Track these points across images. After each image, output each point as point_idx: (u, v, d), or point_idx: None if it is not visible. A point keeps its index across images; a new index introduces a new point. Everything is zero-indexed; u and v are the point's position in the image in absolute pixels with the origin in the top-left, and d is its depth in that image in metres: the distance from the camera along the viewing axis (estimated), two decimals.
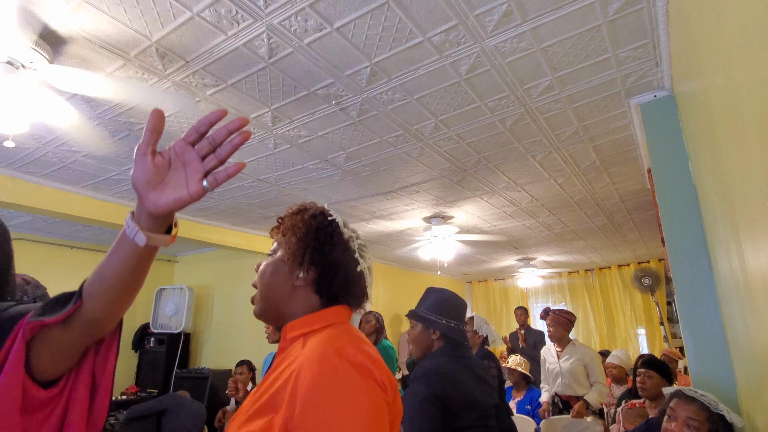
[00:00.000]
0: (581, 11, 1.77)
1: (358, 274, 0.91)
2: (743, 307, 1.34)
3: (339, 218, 0.93)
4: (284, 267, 0.89)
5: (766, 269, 0.94)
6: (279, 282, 0.89)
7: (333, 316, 0.87)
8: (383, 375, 0.75)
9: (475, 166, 3.35)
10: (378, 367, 0.75)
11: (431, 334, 1.70)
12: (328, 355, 0.73)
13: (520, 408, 3.83)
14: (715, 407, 1.59)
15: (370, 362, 0.74)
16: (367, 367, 0.73)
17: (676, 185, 2.13)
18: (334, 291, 0.88)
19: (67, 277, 5.27)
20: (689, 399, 1.65)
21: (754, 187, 0.94)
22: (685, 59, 1.72)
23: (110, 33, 1.84)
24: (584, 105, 2.51)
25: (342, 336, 0.80)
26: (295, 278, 0.88)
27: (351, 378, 0.71)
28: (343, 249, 0.90)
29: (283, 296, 0.89)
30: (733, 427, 1.59)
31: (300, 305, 0.88)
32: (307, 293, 0.88)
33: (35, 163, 3.11)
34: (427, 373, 1.54)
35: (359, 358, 0.74)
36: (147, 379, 5.47)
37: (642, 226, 5.25)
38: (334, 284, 0.88)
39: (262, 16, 1.76)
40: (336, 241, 0.89)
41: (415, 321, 1.76)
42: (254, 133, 2.74)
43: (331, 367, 0.71)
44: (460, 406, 1.51)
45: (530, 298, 8.61)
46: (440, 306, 1.73)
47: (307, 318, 0.86)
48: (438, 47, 1.97)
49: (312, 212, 0.93)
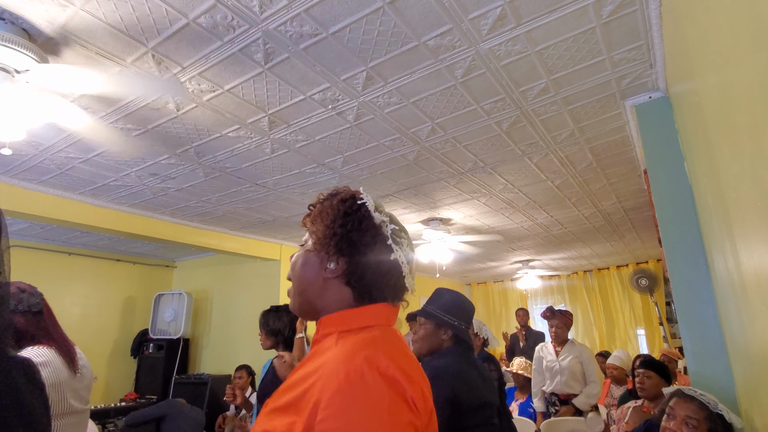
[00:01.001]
0: (575, 14, 1.78)
1: (391, 263, 0.82)
2: (739, 307, 1.35)
3: (370, 201, 0.85)
4: (314, 258, 0.83)
5: (760, 268, 0.94)
6: (309, 274, 0.83)
7: (373, 316, 0.80)
8: (416, 394, 0.68)
9: (472, 168, 3.36)
10: (412, 383, 0.68)
11: (442, 333, 1.72)
12: (356, 363, 0.67)
13: (523, 410, 3.82)
14: (714, 407, 1.59)
15: (402, 377, 0.68)
16: (398, 382, 0.66)
17: (672, 186, 2.14)
18: (365, 283, 0.80)
19: (65, 283, 5.26)
20: (688, 398, 1.65)
21: (746, 187, 0.94)
22: (679, 61, 1.73)
23: (107, 39, 1.84)
24: (580, 107, 2.52)
25: (377, 342, 0.73)
26: (324, 270, 0.81)
27: (377, 391, 0.65)
28: (373, 236, 0.82)
29: (315, 289, 0.83)
30: (732, 427, 1.59)
31: (333, 299, 0.81)
32: (339, 286, 0.81)
33: (33, 169, 3.11)
34: (440, 374, 1.55)
35: (391, 370, 0.67)
36: (146, 385, 5.45)
37: (639, 226, 5.26)
38: (365, 276, 0.80)
39: (257, 22, 1.77)
40: (365, 228, 0.82)
41: (426, 319, 1.76)
42: (251, 138, 2.75)
43: (357, 375, 0.65)
44: (471, 406, 1.52)
45: (529, 300, 8.61)
46: (454, 307, 1.75)
47: (344, 314, 0.80)
48: (433, 51, 1.98)
49: (342, 196, 0.86)
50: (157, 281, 6.30)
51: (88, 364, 1.77)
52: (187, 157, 2.98)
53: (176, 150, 2.88)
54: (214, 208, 4.09)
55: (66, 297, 5.25)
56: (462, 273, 8.13)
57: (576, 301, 8.10)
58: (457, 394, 1.50)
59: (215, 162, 3.08)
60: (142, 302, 6.00)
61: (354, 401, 0.64)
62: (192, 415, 3.58)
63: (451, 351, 1.69)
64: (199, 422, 3.57)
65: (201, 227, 4.60)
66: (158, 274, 6.37)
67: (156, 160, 3.01)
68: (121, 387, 5.59)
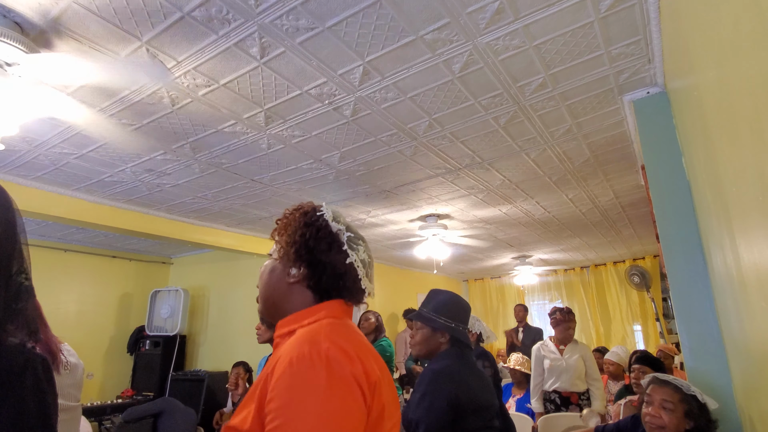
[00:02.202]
0: (573, 8, 1.77)
1: (347, 266, 0.91)
2: (737, 302, 1.35)
3: (329, 212, 0.95)
4: (278, 266, 0.93)
5: (760, 264, 0.94)
6: (275, 281, 0.93)
7: (323, 310, 0.89)
8: (359, 369, 0.75)
9: (469, 164, 3.35)
10: (352, 361, 0.75)
11: (439, 336, 1.70)
12: (301, 347, 0.75)
13: (520, 406, 3.82)
14: (687, 389, 1.65)
15: (343, 355, 0.75)
16: (336, 360, 0.73)
17: (669, 181, 2.14)
18: (323, 286, 0.90)
19: (61, 280, 5.23)
20: (663, 383, 1.71)
21: (746, 182, 0.94)
22: (678, 55, 1.72)
23: (100, 33, 1.82)
24: (577, 102, 2.51)
25: (322, 329, 0.80)
26: (288, 276, 0.91)
27: (317, 369, 0.72)
28: (329, 243, 0.91)
29: (280, 294, 0.92)
30: (706, 407, 1.62)
31: (296, 302, 0.91)
32: (301, 289, 0.91)
33: (27, 165, 3.08)
34: (438, 377, 1.55)
35: (332, 351, 0.74)
36: (143, 382, 5.44)
37: (637, 222, 5.27)
38: (322, 279, 0.90)
39: (253, 16, 1.74)
40: (322, 236, 0.91)
41: (422, 323, 1.75)
42: (247, 133, 2.73)
43: (299, 358, 0.73)
44: (470, 409, 1.52)
45: (527, 295, 8.63)
46: (447, 308, 1.73)
47: (298, 314, 0.89)
48: (431, 45, 1.96)
49: (304, 209, 0.96)
50: (154, 278, 6.27)
51: (80, 361, 1.74)
52: (183, 152, 2.96)
53: (172, 145, 2.86)
54: (211, 205, 4.07)
55: (62, 294, 5.22)
56: (459, 269, 8.13)
57: (573, 297, 8.12)
58: (457, 396, 1.50)
59: (211, 158, 3.05)
60: (138, 299, 5.98)
61: (295, 380, 0.71)
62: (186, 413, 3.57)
63: (449, 354, 1.67)
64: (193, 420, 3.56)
65: (197, 223, 4.58)
66: (155, 270, 6.35)
67: (151, 155, 2.99)
68: (118, 384, 5.58)
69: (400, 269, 7.43)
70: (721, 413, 1.79)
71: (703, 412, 1.62)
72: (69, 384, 1.54)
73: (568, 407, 3.43)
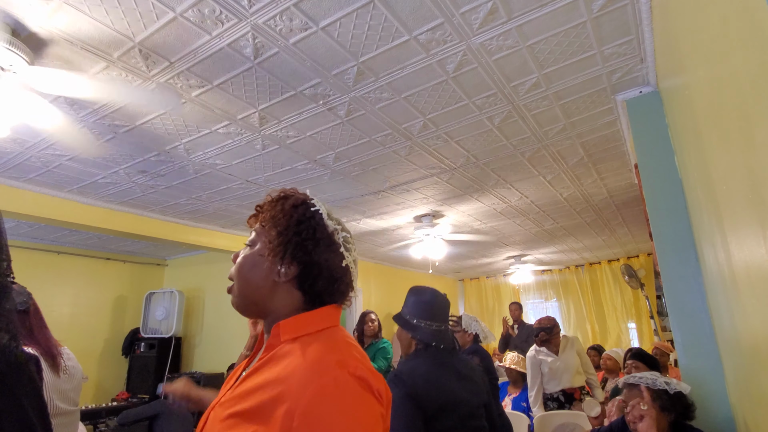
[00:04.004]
0: (566, 8, 1.78)
1: (343, 269, 0.84)
2: (729, 300, 1.36)
3: (323, 208, 0.86)
4: (263, 262, 0.83)
5: (750, 261, 0.95)
6: (258, 278, 0.84)
7: (324, 318, 0.82)
8: (380, 386, 0.73)
9: (464, 164, 3.35)
10: (375, 378, 0.73)
11: (410, 336, 1.69)
12: (329, 368, 0.70)
13: (516, 405, 3.83)
14: (654, 384, 1.65)
15: (369, 374, 0.72)
16: (368, 380, 0.71)
17: (662, 180, 2.15)
18: (317, 289, 0.82)
19: (55, 283, 5.20)
20: (632, 386, 1.73)
21: (736, 181, 0.95)
22: (669, 55, 1.73)
23: (92, 34, 1.81)
24: (571, 102, 2.52)
25: (339, 345, 0.77)
26: (275, 274, 0.82)
27: (353, 392, 0.68)
28: (327, 244, 0.83)
29: (263, 292, 0.83)
30: (682, 394, 1.64)
31: (283, 302, 0.83)
32: (289, 289, 0.82)
33: (19, 167, 3.06)
34: (399, 375, 1.52)
35: (360, 370, 0.71)
36: (138, 384, 5.41)
37: (630, 221, 5.30)
38: (317, 282, 0.82)
39: (246, 16, 1.74)
40: (319, 236, 0.83)
41: (397, 323, 1.75)
42: (242, 134, 2.72)
43: (332, 379, 0.68)
44: (437, 407, 1.47)
45: (522, 294, 8.66)
46: (418, 308, 1.70)
47: (299, 319, 0.81)
48: (424, 45, 1.97)
49: (293, 202, 0.86)
50: (148, 280, 6.24)
51: (78, 365, 1.74)
52: (177, 153, 2.95)
53: (165, 147, 2.84)
54: (205, 206, 4.05)
55: (56, 297, 5.18)
56: (454, 269, 8.15)
57: (568, 296, 8.16)
58: (414, 394, 1.45)
59: (205, 159, 3.04)
60: (132, 301, 5.94)
61: (332, 406, 0.66)
62: (183, 415, 3.56)
63: (418, 353, 1.64)
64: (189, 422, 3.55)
65: (192, 225, 4.56)
66: (149, 272, 6.31)
67: (145, 156, 2.97)
68: (113, 387, 5.54)
69: (396, 269, 7.43)
70: (714, 409, 1.81)
71: (676, 402, 1.65)
72: (68, 388, 1.53)
73: (572, 403, 3.46)
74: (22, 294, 1.53)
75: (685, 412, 1.64)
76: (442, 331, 1.67)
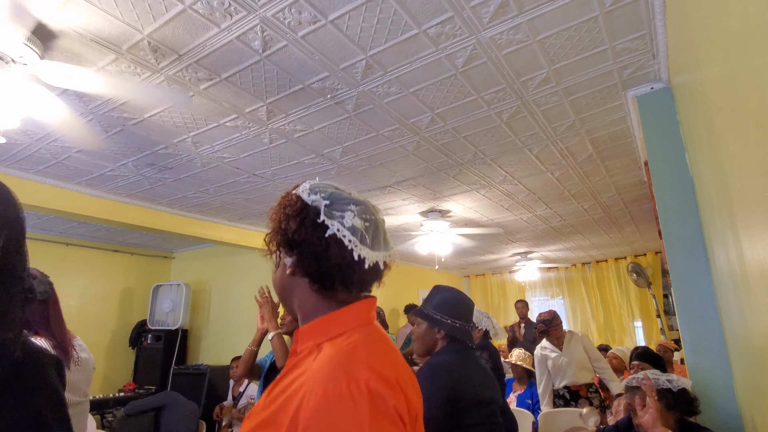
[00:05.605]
0: (577, 2, 1.76)
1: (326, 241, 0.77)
2: (740, 299, 1.34)
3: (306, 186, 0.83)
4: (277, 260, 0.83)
5: (764, 260, 0.93)
6: (278, 275, 0.84)
7: (351, 318, 0.78)
8: (399, 402, 0.67)
9: (471, 159, 3.34)
10: (394, 391, 0.67)
11: (436, 333, 1.70)
12: (336, 379, 0.65)
13: (521, 402, 3.83)
14: (656, 384, 1.65)
15: (384, 387, 0.66)
16: (379, 395, 0.64)
17: (673, 177, 2.13)
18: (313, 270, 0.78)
19: (63, 274, 5.25)
20: (635, 389, 1.72)
21: (752, 178, 0.93)
22: (683, 50, 1.71)
23: (101, 27, 1.81)
24: (581, 97, 2.49)
25: (357, 352, 0.70)
26: (284, 268, 0.81)
27: (357, 410, 0.62)
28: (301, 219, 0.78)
29: (285, 289, 0.83)
30: (685, 390, 1.65)
31: (301, 295, 0.81)
32: (300, 279, 0.80)
33: (28, 159, 3.08)
34: (436, 371, 1.54)
35: (372, 383, 0.65)
36: (144, 376, 5.46)
37: (639, 219, 5.26)
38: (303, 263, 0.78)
39: (255, 9, 1.73)
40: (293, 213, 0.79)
41: (421, 319, 1.75)
42: (249, 128, 2.72)
43: (336, 394, 0.63)
44: (471, 402, 1.51)
45: (528, 291, 8.63)
46: (446, 305, 1.71)
47: (321, 322, 0.78)
48: (434, 39, 1.95)
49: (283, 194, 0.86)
50: (155, 272, 6.28)
51: (90, 356, 1.74)
52: (184, 147, 2.95)
53: (173, 140, 2.85)
54: (212, 199, 4.07)
55: (64, 288, 5.19)
56: (460, 265, 8.13)
57: (574, 293, 8.12)
58: (455, 390, 1.49)
59: (213, 152, 3.05)
60: (140, 293, 6.00)
61: (333, 421, 0.62)
62: (189, 406, 3.59)
63: (447, 349, 1.66)
64: (195, 413, 3.58)
65: (199, 218, 4.58)
66: (156, 264, 6.36)
67: (153, 149, 2.98)
68: (120, 378, 5.60)
69: (402, 264, 7.44)
70: (721, 407, 1.80)
71: (680, 399, 1.65)
72: (79, 379, 1.54)
73: (578, 401, 3.44)
74: (43, 283, 1.54)
75: (689, 407, 1.64)
76: (467, 330, 1.70)
